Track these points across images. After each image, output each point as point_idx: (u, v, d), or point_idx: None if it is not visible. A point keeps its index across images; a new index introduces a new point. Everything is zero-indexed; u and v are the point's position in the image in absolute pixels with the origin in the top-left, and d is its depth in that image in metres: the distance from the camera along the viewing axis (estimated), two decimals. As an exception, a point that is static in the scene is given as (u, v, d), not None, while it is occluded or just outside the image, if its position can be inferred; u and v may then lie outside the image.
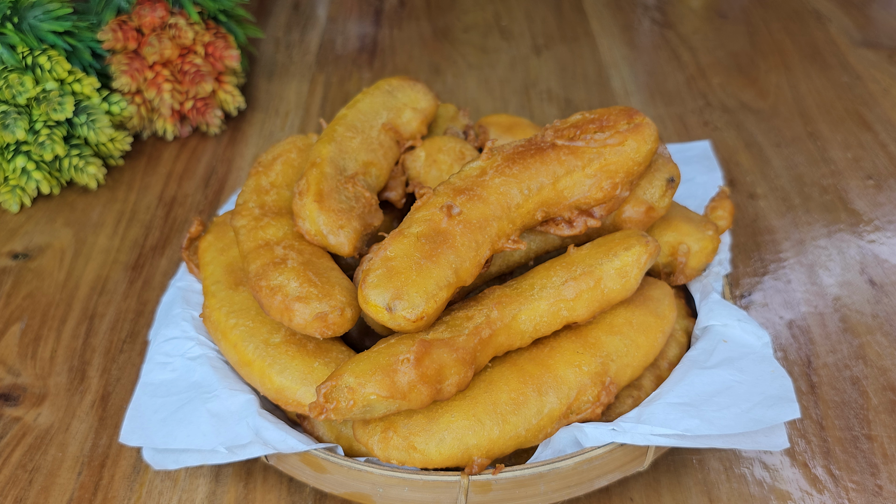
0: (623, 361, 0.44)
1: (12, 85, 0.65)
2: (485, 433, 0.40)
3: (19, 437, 0.51)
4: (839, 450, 0.49)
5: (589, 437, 0.41)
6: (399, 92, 0.56)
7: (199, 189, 0.72)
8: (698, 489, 0.47)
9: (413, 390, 0.38)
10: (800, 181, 0.71)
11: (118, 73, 0.73)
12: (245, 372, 0.46)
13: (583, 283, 0.43)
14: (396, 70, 0.90)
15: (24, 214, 0.69)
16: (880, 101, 0.81)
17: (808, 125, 0.78)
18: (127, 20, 0.74)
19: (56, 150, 0.66)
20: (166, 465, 0.45)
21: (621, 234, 0.47)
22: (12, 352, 0.56)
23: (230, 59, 0.77)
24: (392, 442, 0.40)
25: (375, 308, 0.39)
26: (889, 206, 0.68)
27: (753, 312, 0.58)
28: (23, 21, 0.69)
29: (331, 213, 0.46)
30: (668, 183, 0.49)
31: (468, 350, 0.40)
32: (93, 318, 0.59)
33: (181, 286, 0.53)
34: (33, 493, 0.47)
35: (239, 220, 0.49)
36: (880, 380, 0.53)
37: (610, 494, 0.47)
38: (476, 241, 0.42)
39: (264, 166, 0.53)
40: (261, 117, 0.82)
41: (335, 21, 1.00)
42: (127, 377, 0.55)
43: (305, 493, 0.47)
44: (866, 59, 0.88)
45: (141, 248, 0.66)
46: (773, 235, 0.65)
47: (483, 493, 0.41)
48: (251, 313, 0.47)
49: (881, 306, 0.59)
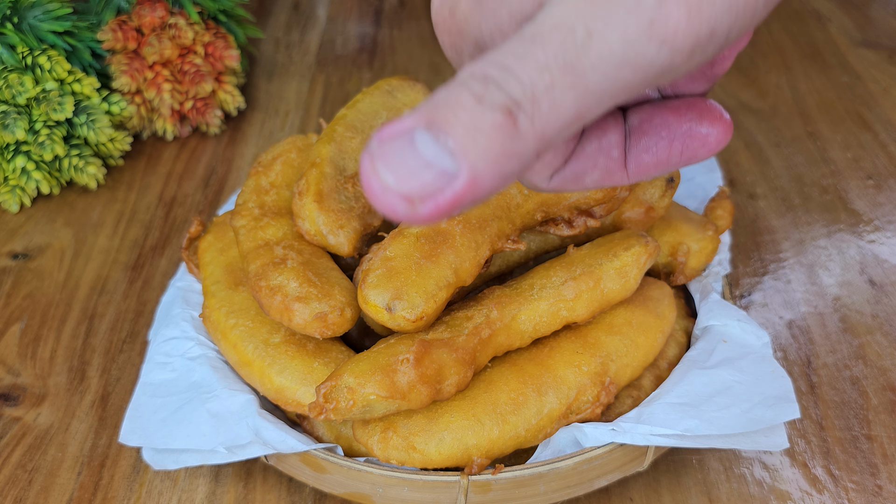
0: (623, 361, 0.44)
1: (12, 85, 0.65)
2: (484, 433, 0.40)
3: (19, 437, 0.51)
4: (839, 450, 0.49)
5: (588, 437, 0.41)
6: (399, 92, 0.56)
7: (199, 189, 0.72)
8: (698, 489, 0.47)
9: (413, 390, 0.38)
10: (800, 181, 0.71)
11: (118, 73, 0.73)
12: (245, 372, 0.46)
13: (582, 284, 0.43)
14: (396, 70, 0.90)
15: (24, 214, 0.69)
16: (880, 101, 0.81)
17: (808, 125, 0.78)
18: (127, 20, 0.74)
19: (56, 150, 0.66)
20: (166, 465, 0.45)
21: (621, 234, 0.47)
22: (12, 352, 0.56)
23: (230, 59, 0.77)
24: (392, 442, 0.40)
25: (375, 308, 0.39)
26: (889, 206, 0.68)
27: (753, 312, 0.58)
28: (23, 21, 0.69)
29: (330, 213, 0.46)
30: (667, 183, 0.49)
31: (468, 350, 0.40)
32: (93, 318, 0.59)
33: (181, 286, 0.53)
34: (33, 493, 0.47)
35: (238, 220, 0.49)
36: (880, 380, 0.53)
37: (610, 494, 0.47)
38: (476, 242, 0.42)
39: (264, 166, 0.53)
40: (261, 117, 0.82)
41: (335, 21, 1.00)
42: (127, 377, 0.55)
43: (305, 493, 0.47)
44: (866, 59, 0.88)
45: (141, 248, 0.66)
46: (772, 235, 0.65)
47: (483, 493, 0.41)
48: (251, 313, 0.47)
49: (881, 306, 0.59)
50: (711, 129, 0.30)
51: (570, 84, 0.22)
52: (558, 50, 0.22)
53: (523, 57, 0.22)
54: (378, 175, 0.22)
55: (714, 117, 0.30)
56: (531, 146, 0.23)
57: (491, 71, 0.22)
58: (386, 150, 0.22)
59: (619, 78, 0.23)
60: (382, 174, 0.22)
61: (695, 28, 0.22)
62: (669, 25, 0.22)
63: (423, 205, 0.22)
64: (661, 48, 0.22)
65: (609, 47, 0.22)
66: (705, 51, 0.23)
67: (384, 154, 0.22)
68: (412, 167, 0.22)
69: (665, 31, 0.22)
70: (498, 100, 0.22)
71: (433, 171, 0.22)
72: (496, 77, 0.22)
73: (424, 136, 0.22)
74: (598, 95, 0.23)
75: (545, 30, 0.22)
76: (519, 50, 0.22)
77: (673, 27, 0.22)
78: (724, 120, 0.30)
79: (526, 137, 0.22)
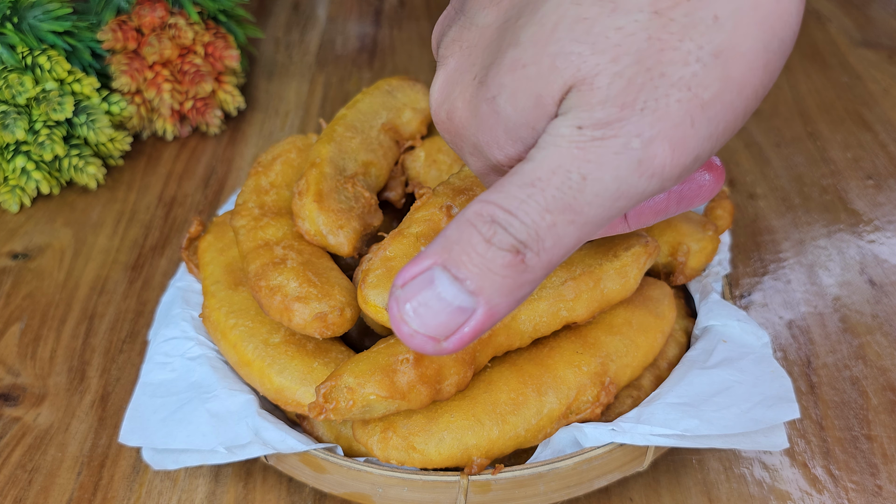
0: (623, 361, 0.44)
1: (12, 85, 0.65)
2: (484, 433, 0.40)
3: (19, 437, 0.51)
4: (839, 450, 0.49)
5: (588, 438, 0.41)
6: (399, 92, 0.56)
7: (199, 189, 0.72)
8: (698, 489, 0.47)
9: (412, 390, 0.38)
10: (800, 181, 0.71)
11: (118, 73, 0.73)
12: (244, 372, 0.46)
13: (582, 283, 0.43)
14: (396, 70, 0.90)
15: (24, 214, 0.69)
16: (880, 101, 0.81)
17: (808, 125, 0.78)
18: (127, 20, 0.74)
19: (56, 150, 0.66)
20: (166, 466, 0.45)
21: (621, 235, 0.47)
22: (12, 352, 0.56)
23: (230, 59, 0.77)
24: (391, 442, 0.40)
25: (375, 308, 0.39)
26: (889, 206, 0.68)
27: (753, 312, 0.58)
28: (22, 21, 0.69)
29: (330, 214, 0.46)
30: (667, 183, 0.49)
31: (467, 350, 0.40)
32: (92, 318, 0.59)
33: (181, 286, 0.53)
34: (33, 493, 0.47)
35: (238, 221, 0.49)
36: (880, 380, 0.53)
37: (609, 494, 0.47)
38: (475, 242, 0.42)
39: (264, 166, 0.53)
40: (261, 117, 0.82)
41: (335, 21, 1.00)
42: (127, 377, 0.55)
43: (305, 493, 0.47)
44: (866, 59, 0.88)
45: (141, 248, 0.66)
46: (772, 235, 0.65)
47: (482, 493, 0.41)
48: (251, 313, 0.47)
49: (881, 306, 0.59)
50: (707, 175, 0.32)
51: (570, 220, 0.24)
52: (557, 193, 0.24)
53: (525, 201, 0.24)
54: (406, 322, 0.25)
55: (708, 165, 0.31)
56: (539, 275, 0.25)
57: (497, 214, 0.24)
58: (409, 292, 0.24)
59: (615, 207, 0.25)
60: (409, 319, 0.24)
61: (681, 160, 0.24)
62: (656, 163, 0.24)
63: (448, 341, 0.25)
64: (651, 181, 0.24)
65: (603, 186, 0.24)
66: (692, 169, 0.25)
67: (408, 296, 0.24)
68: (434, 308, 0.24)
69: (653, 168, 0.24)
70: (506, 242, 0.24)
71: (453, 309, 0.24)
72: (502, 220, 0.24)
73: (442, 276, 0.24)
74: (597, 223, 0.25)
75: (542, 174, 0.24)
76: (521, 194, 0.24)
77: (660, 164, 0.24)
78: (717, 167, 0.32)
79: (534, 269, 0.24)
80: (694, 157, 0.24)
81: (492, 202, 0.24)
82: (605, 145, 0.24)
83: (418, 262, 0.24)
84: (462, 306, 0.24)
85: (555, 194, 0.24)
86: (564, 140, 0.24)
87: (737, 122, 0.25)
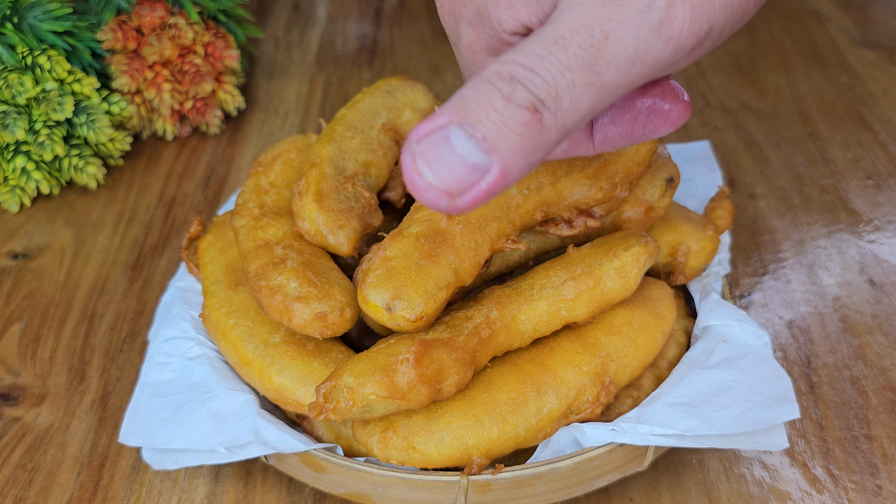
0: (623, 361, 0.44)
1: (12, 85, 0.65)
2: (484, 433, 0.40)
3: (19, 437, 0.51)
4: (839, 450, 0.49)
5: (588, 437, 0.41)
6: (399, 92, 0.56)
7: (199, 189, 0.72)
8: (698, 489, 0.47)
9: (412, 390, 0.38)
10: (800, 181, 0.71)
11: (118, 73, 0.73)
12: (245, 372, 0.46)
13: (582, 283, 0.43)
14: (396, 70, 0.90)
15: (24, 214, 0.69)
16: (880, 101, 0.81)
17: (808, 125, 0.78)
18: (127, 20, 0.74)
19: (56, 150, 0.66)
20: (166, 465, 0.45)
21: (621, 234, 0.47)
22: (12, 352, 0.56)
23: (230, 59, 0.77)
24: (391, 442, 0.40)
25: (375, 308, 0.39)
26: (889, 206, 0.68)
27: (753, 312, 0.58)
28: (22, 21, 0.69)
29: (330, 213, 0.46)
30: (667, 183, 0.49)
31: (468, 350, 0.40)
32: (92, 318, 0.59)
33: (181, 286, 0.53)
34: (33, 493, 0.47)
35: (238, 220, 0.49)
36: (880, 380, 0.53)
37: (609, 494, 0.47)
38: (475, 241, 0.42)
39: (264, 166, 0.53)
40: (261, 117, 0.82)
41: (335, 21, 1.00)
42: (127, 377, 0.55)
43: (305, 493, 0.47)
44: (866, 59, 0.88)
45: (141, 248, 0.66)
46: (772, 235, 0.65)
47: (482, 493, 0.41)
48: (251, 313, 0.47)
49: (881, 306, 0.59)
50: (673, 105, 0.32)
51: (588, 81, 0.24)
52: (578, 51, 0.24)
53: (547, 58, 0.24)
54: (420, 174, 0.24)
55: (675, 96, 0.32)
56: (553, 138, 0.25)
57: (517, 71, 0.24)
58: (424, 147, 0.24)
59: (630, 73, 0.25)
60: (424, 172, 0.24)
61: (697, 27, 0.25)
62: (676, 25, 0.24)
63: (462, 197, 0.24)
64: (668, 45, 0.25)
65: (622, 46, 0.24)
66: (701, 47, 0.26)
67: (423, 151, 0.24)
68: (449, 163, 0.24)
69: (672, 30, 0.24)
70: (525, 99, 0.24)
71: (468, 166, 0.24)
72: (523, 77, 0.24)
73: (458, 133, 0.24)
74: (611, 90, 0.25)
75: (566, 33, 0.24)
76: (542, 52, 0.24)
77: (679, 26, 0.24)
78: (684, 100, 0.33)
79: (549, 132, 0.24)
80: (709, 26, 0.25)
81: (512, 61, 0.24)
82: (630, 4, 0.24)
83: (434, 119, 0.24)
84: (477, 163, 0.24)
85: (576, 52, 0.24)
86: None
87: (749, 3, 0.26)
